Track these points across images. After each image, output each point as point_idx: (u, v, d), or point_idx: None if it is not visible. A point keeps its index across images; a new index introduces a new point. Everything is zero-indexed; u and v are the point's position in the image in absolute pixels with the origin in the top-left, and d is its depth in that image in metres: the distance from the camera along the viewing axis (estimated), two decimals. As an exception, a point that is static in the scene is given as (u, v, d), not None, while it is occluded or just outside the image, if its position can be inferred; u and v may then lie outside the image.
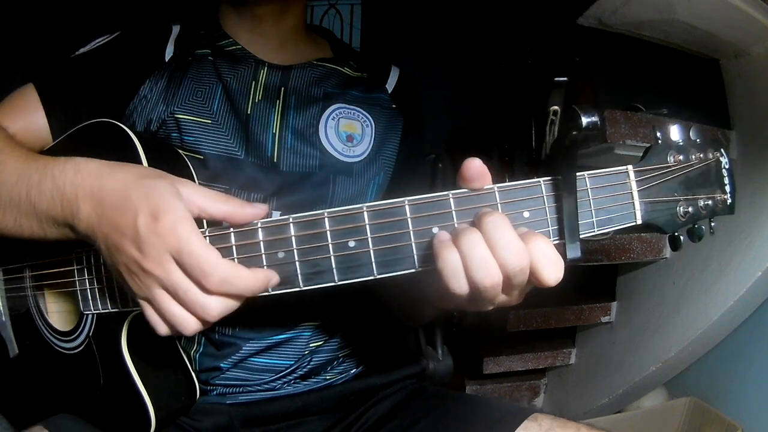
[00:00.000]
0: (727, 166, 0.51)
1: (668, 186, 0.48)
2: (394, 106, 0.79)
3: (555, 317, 1.54)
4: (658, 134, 0.49)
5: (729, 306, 1.21)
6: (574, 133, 0.43)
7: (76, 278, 0.58)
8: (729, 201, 0.51)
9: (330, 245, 0.45)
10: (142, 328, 0.51)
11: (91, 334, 0.58)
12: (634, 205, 0.47)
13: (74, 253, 0.58)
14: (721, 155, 0.51)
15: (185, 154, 0.63)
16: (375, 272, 0.45)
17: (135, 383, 0.55)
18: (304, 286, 0.46)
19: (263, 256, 0.45)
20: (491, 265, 0.40)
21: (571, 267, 0.43)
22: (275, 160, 0.69)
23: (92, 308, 0.56)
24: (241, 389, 0.69)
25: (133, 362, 0.55)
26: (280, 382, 0.70)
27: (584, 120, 0.43)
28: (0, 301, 0.70)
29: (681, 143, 0.49)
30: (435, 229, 0.44)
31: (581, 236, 0.45)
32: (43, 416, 0.60)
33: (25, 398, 0.69)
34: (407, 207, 0.44)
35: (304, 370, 0.71)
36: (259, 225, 0.46)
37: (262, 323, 0.68)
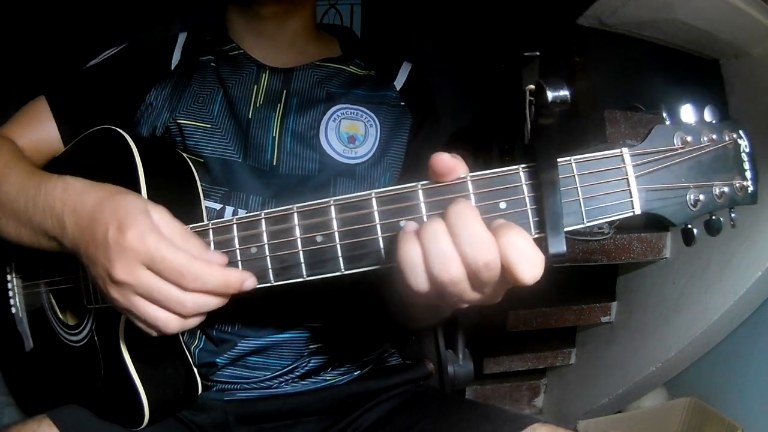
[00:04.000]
0: (747, 150, 0.45)
1: (674, 171, 0.43)
2: (402, 103, 0.77)
3: (555, 317, 1.54)
4: (665, 114, 0.44)
5: (729, 306, 1.21)
6: (542, 110, 0.39)
7: (80, 274, 0.60)
8: (751, 188, 0.45)
9: (299, 240, 0.44)
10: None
11: (93, 327, 0.61)
12: (630, 192, 0.42)
13: None
14: (740, 137, 0.45)
15: (189, 157, 0.65)
16: (342, 267, 0.44)
17: (131, 374, 0.57)
18: (275, 281, 0.46)
19: (237, 251, 0.46)
20: (451, 259, 0.37)
21: (571, 267, 0.41)
22: (275, 164, 0.70)
23: (94, 302, 0.59)
24: (238, 386, 0.69)
25: (130, 354, 0.57)
26: (276, 381, 0.70)
27: (550, 95, 0.38)
28: (18, 298, 0.74)
29: (692, 124, 0.44)
30: (402, 223, 0.41)
31: (568, 228, 0.41)
32: (53, 405, 0.63)
33: (38, 388, 0.74)
34: (374, 200, 0.42)
35: (302, 370, 0.71)
36: (234, 221, 0.47)
37: (260, 322, 0.68)
